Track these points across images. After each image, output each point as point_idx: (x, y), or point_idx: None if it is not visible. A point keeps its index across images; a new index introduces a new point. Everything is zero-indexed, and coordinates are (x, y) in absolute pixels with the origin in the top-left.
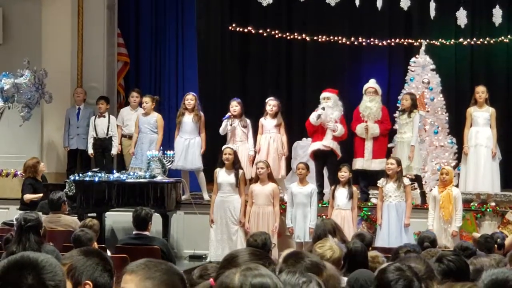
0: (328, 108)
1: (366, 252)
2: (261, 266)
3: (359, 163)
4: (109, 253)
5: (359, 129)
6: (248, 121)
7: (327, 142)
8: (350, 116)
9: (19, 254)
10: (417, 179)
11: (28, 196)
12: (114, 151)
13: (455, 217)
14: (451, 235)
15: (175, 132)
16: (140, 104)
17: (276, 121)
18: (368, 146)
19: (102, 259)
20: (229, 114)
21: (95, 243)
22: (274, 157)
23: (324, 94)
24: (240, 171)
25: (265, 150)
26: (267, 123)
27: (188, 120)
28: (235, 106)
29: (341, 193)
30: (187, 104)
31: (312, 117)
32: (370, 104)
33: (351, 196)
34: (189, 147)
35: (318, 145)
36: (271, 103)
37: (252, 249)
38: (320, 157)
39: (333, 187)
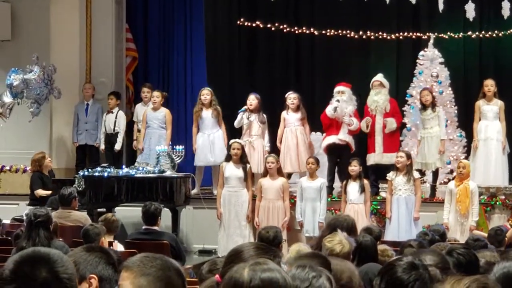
0: (343, 102)
1: (375, 246)
2: (270, 261)
3: (372, 158)
4: (120, 247)
5: (362, 124)
6: (265, 116)
7: (343, 136)
8: (361, 110)
9: (31, 249)
10: (434, 172)
11: (39, 192)
12: (118, 146)
13: (472, 211)
14: (469, 230)
15: (193, 129)
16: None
17: (300, 115)
18: (379, 140)
19: (104, 253)
20: (245, 107)
21: (104, 238)
22: (302, 150)
23: (338, 88)
24: (248, 166)
25: (294, 144)
26: (290, 117)
27: (207, 115)
28: (252, 100)
29: (353, 187)
30: (203, 99)
31: (329, 110)
32: (376, 97)
33: (362, 190)
34: (214, 142)
35: (333, 139)
36: (292, 97)
37: (257, 243)
38: (335, 151)
39: (344, 182)
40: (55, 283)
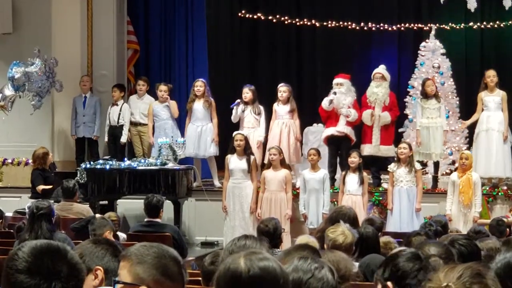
0: (341, 94)
1: (377, 237)
2: (263, 250)
3: (367, 149)
4: (123, 236)
5: (365, 115)
6: (262, 108)
7: (341, 128)
8: (360, 101)
9: (44, 242)
10: (435, 163)
11: (41, 188)
12: (123, 139)
13: (475, 202)
14: (472, 221)
15: (186, 120)
16: (147, 92)
17: (289, 107)
18: (376, 132)
19: (110, 246)
20: (237, 101)
21: (109, 232)
22: (286, 142)
23: (336, 80)
24: (252, 157)
25: (277, 135)
26: (280, 109)
27: (198, 106)
28: (246, 92)
29: (352, 178)
30: (196, 90)
31: (324, 103)
32: (377, 89)
33: (361, 182)
34: (201, 134)
35: (332, 130)
36: (282, 89)
37: None
38: (334, 142)
39: (343, 172)
40: (75, 274)
